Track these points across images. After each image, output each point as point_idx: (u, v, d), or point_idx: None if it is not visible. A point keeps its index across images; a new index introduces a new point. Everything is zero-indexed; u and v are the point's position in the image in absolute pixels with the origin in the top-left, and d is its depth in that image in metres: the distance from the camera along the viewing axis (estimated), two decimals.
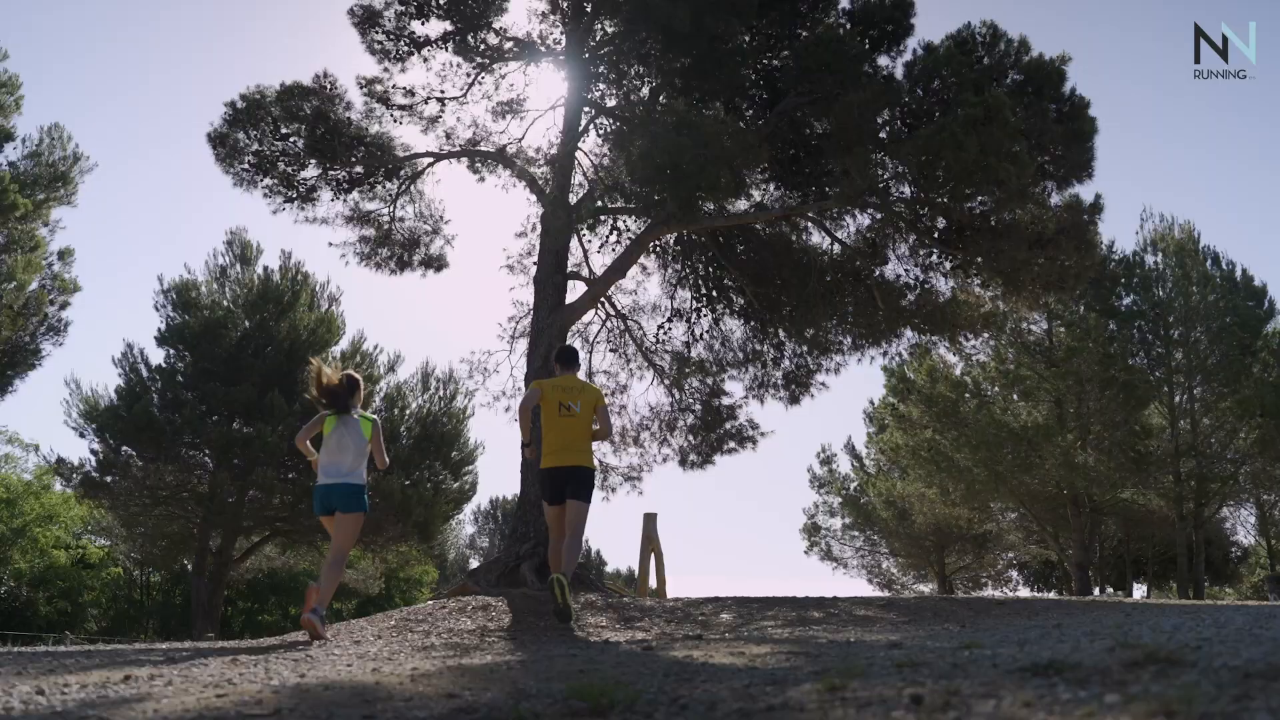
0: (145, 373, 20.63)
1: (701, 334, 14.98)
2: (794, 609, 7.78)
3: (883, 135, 11.44)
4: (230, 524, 20.98)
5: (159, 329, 20.75)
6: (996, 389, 22.76)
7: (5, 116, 14.54)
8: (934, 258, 12.30)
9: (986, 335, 21.15)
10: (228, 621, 34.46)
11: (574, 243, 14.99)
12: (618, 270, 12.30)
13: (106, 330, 78.18)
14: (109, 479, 20.61)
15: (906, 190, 11.30)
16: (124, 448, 20.36)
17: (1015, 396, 22.39)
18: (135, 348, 20.74)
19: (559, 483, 6.92)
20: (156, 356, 21.28)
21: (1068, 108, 10.78)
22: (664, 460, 15.17)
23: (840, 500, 31.38)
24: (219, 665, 3.70)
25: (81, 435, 20.94)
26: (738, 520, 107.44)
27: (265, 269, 21.99)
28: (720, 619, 7.36)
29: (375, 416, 6.94)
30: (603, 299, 15.06)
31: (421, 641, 5.81)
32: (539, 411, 7.20)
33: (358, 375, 7.09)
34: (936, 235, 11.61)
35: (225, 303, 21.57)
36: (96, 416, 19.86)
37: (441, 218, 15.13)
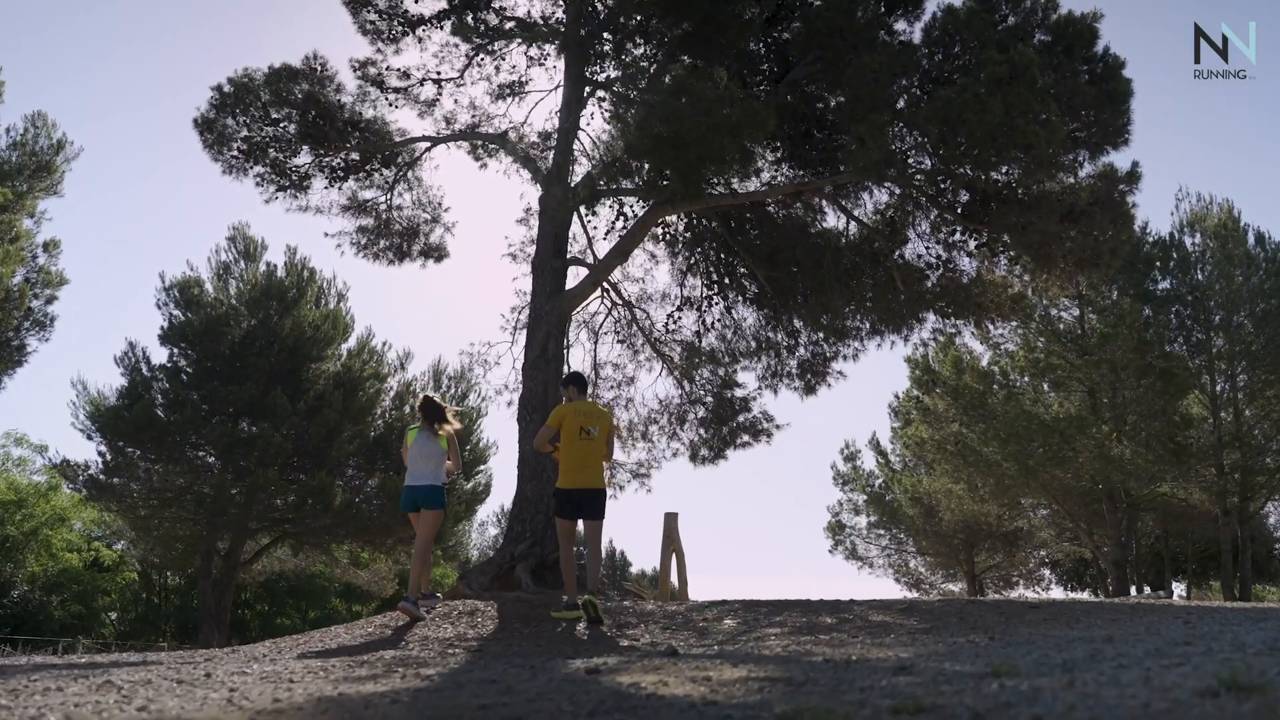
0: (146, 371, 20.14)
1: (713, 323, 14.26)
2: (805, 613, 7.05)
3: (900, 105, 10.67)
4: (236, 526, 20.47)
5: (161, 327, 20.29)
6: (1026, 379, 21.78)
7: None
8: (957, 235, 11.50)
9: (1014, 322, 20.27)
10: (245, 625, 34.09)
11: (579, 229, 14.33)
12: (620, 253, 11.54)
13: (120, 330, 78.05)
14: (115, 481, 20.16)
15: (927, 162, 10.50)
16: (130, 449, 19.89)
17: (1046, 387, 21.41)
18: (138, 346, 20.30)
19: (577, 502, 7.46)
20: (160, 355, 20.82)
21: (1100, 68, 9.96)
22: (673, 455, 14.46)
23: (865, 498, 30.44)
24: (77, 690, 3.04)
25: (89, 437, 20.53)
26: (766, 518, 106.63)
27: (269, 265, 21.47)
28: (722, 625, 6.65)
29: (451, 430, 8.20)
30: (608, 287, 14.37)
31: (368, 656, 5.13)
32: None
33: (447, 406, 8.43)
34: (960, 210, 10.81)
35: (229, 300, 21.06)
36: (99, 417, 19.41)
37: (441, 205, 14.56)
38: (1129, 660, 2.49)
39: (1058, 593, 32.96)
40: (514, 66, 14.18)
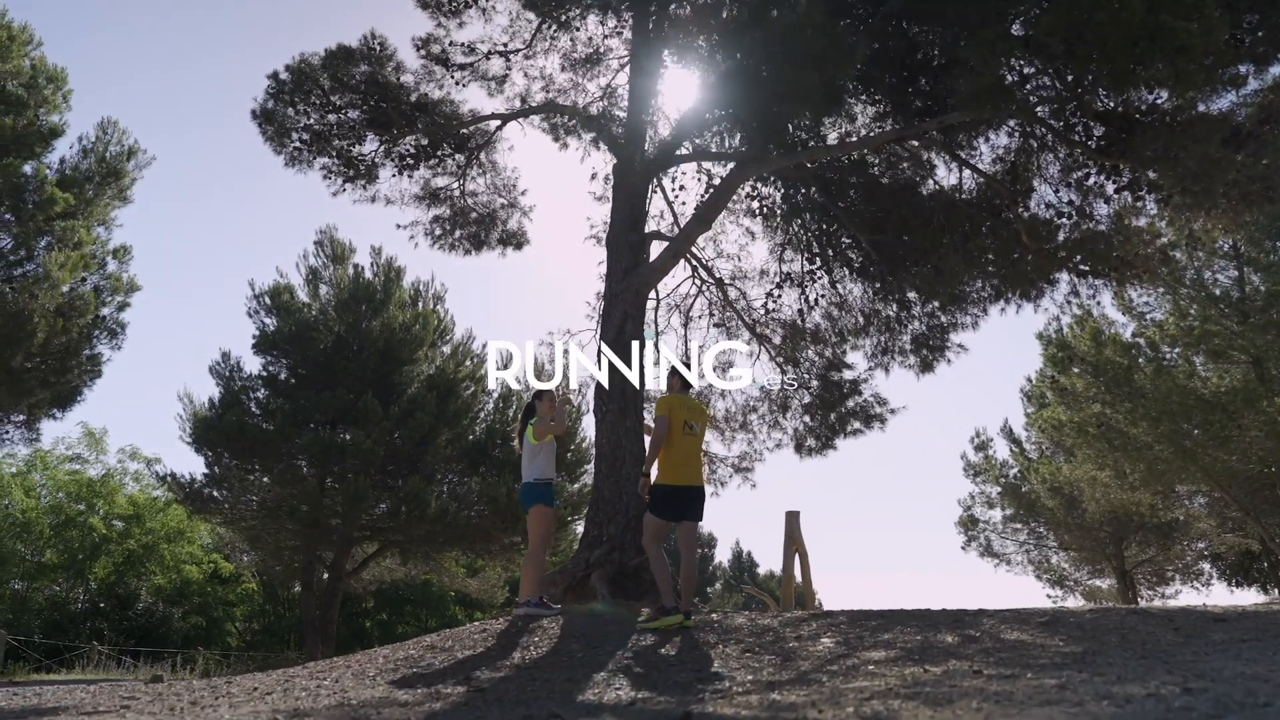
0: (240, 381, 19.94)
1: (816, 299, 12.90)
2: (921, 630, 5.72)
3: (1016, 30, 9.12)
4: (338, 536, 20.08)
5: (253, 335, 20.07)
6: (1177, 351, 19.46)
7: (55, 112, 13.82)
8: (1093, 177, 9.83)
9: (1161, 288, 18.10)
10: (365, 634, 34.18)
11: (662, 205, 13.25)
12: (702, 220, 10.20)
13: (232, 341, 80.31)
14: (218, 493, 20.05)
15: (1051, 88, 8.91)
16: (230, 460, 19.71)
17: (1200, 358, 19.05)
18: (230, 356, 20.14)
19: (682, 500, 6.84)
20: (254, 364, 20.65)
21: None
22: (776, 446, 13.16)
23: (999, 490, 28.21)
24: None
25: (196, 451, 20.53)
26: (899, 511, 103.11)
27: (356, 267, 21.03)
28: (816, 647, 5.39)
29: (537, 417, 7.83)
30: (698, 264, 13.20)
31: (338, 704, 4.09)
32: None
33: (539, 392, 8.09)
34: (1095, 145, 9.16)
35: (319, 304, 20.70)
36: (195, 428, 19.29)
37: (516, 188, 13.70)
38: None
39: (1220, 589, 30.01)
40: (589, 38, 13.23)
